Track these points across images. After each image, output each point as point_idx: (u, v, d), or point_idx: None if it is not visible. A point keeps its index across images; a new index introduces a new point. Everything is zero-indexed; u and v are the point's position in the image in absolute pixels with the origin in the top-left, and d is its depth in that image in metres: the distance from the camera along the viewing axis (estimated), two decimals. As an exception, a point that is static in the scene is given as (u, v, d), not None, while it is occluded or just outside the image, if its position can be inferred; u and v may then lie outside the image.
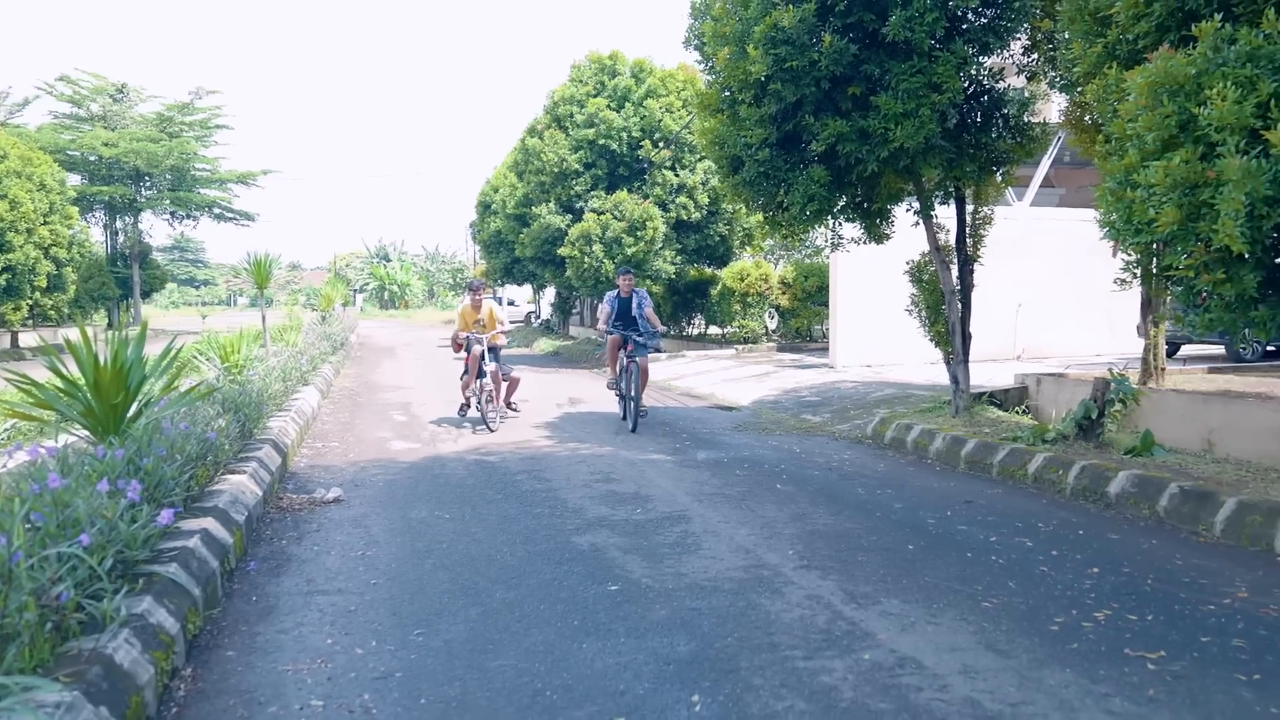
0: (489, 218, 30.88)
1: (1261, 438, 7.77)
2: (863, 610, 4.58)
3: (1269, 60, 4.90)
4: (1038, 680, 3.73)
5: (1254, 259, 5.06)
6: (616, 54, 23.00)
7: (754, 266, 23.19)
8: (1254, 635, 4.23)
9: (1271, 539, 5.62)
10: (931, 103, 8.24)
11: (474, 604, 4.80)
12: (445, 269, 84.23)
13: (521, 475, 8.26)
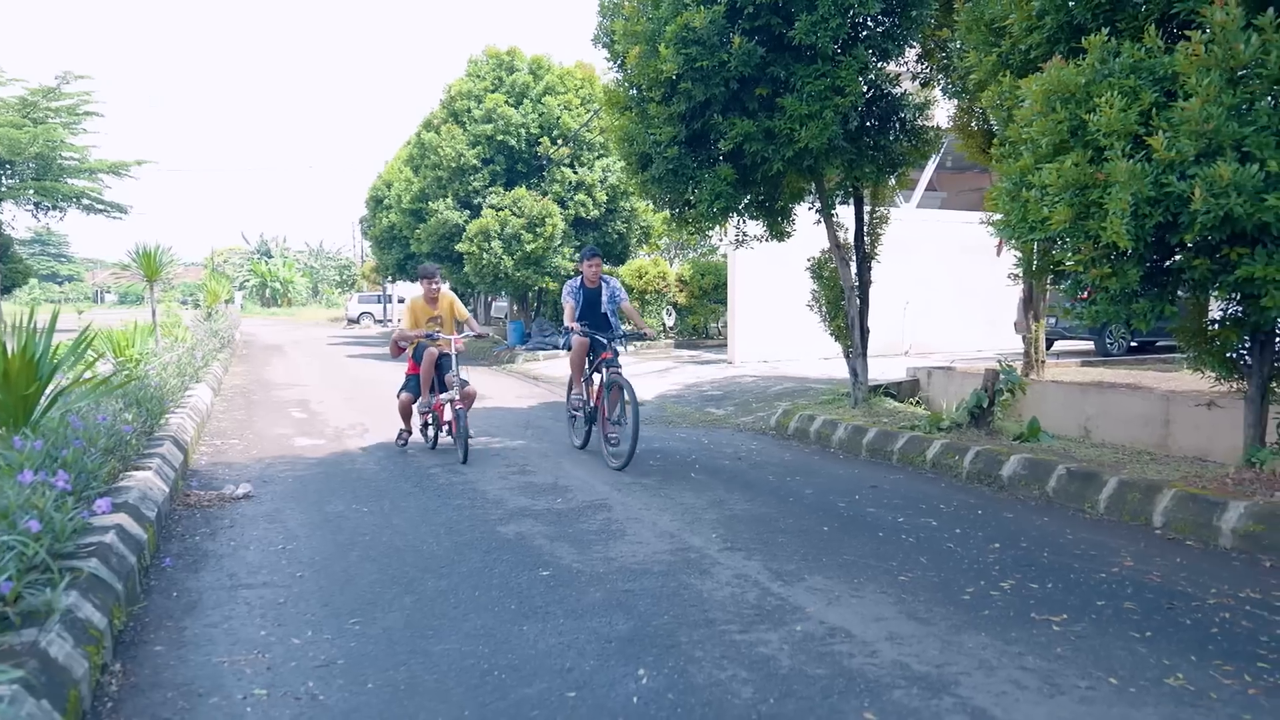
0: (381, 213, 30.34)
1: (1133, 424, 8.38)
2: (790, 587, 4.79)
3: (1150, 72, 5.33)
4: (958, 644, 4.00)
5: (1137, 255, 5.48)
6: (515, 50, 22.92)
7: (652, 264, 23.47)
8: (1142, 598, 4.61)
9: (1150, 514, 6.10)
10: (834, 105, 8.57)
11: (407, 593, 4.81)
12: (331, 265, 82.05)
13: (436, 469, 8.24)
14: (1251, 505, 5.60)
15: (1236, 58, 4.91)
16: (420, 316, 9.10)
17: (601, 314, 8.89)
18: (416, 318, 9.11)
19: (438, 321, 9.10)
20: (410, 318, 9.14)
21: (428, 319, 9.09)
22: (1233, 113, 4.91)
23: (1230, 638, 4.09)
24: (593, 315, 8.85)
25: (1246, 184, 4.77)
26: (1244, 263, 5.12)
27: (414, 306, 9.14)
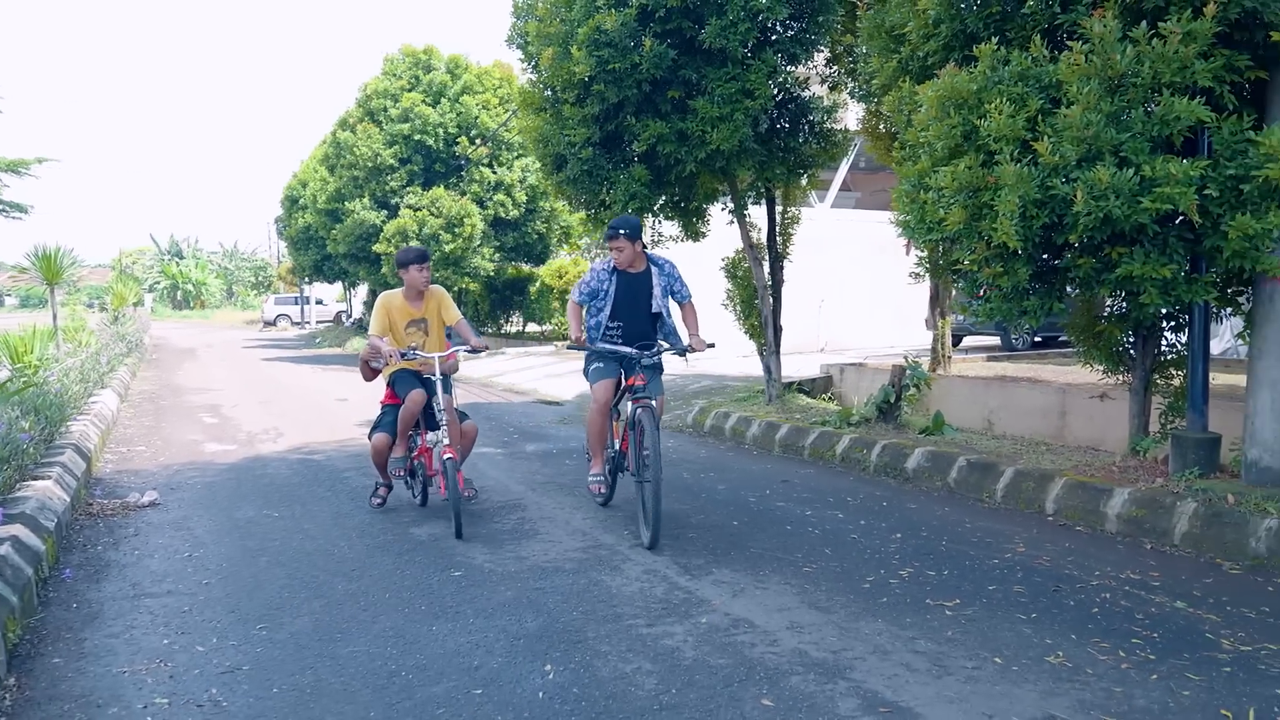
0: (297, 213, 29.78)
1: (1032, 416, 8.72)
2: (697, 580, 4.90)
3: (1036, 80, 5.58)
4: (855, 630, 4.15)
5: (1026, 255, 5.73)
6: (431, 49, 22.73)
7: (572, 264, 23.49)
8: (1031, 582, 4.84)
9: (1043, 501, 6.38)
10: (745, 108, 8.74)
11: (316, 597, 4.79)
12: (246, 266, 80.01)
13: (350, 472, 8.16)
14: (1134, 491, 5.91)
15: (1114, 68, 5.18)
16: (397, 320, 6.34)
17: (649, 315, 6.10)
18: (391, 322, 6.34)
19: (421, 328, 6.38)
20: (381, 322, 6.32)
21: (407, 323, 6.34)
22: (1111, 120, 5.17)
23: (1109, 616, 4.32)
24: (632, 317, 6.05)
25: (1123, 187, 5.04)
26: (1124, 262, 5.40)
27: (388, 305, 6.37)
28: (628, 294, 6.11)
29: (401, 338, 6.38)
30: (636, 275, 6.14)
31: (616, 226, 6.04)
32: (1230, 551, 5.22)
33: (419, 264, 6.38)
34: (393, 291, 6.52)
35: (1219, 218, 5.19)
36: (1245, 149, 5.12)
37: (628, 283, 6.12)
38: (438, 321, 6.46)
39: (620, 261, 6.07)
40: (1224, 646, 3.94)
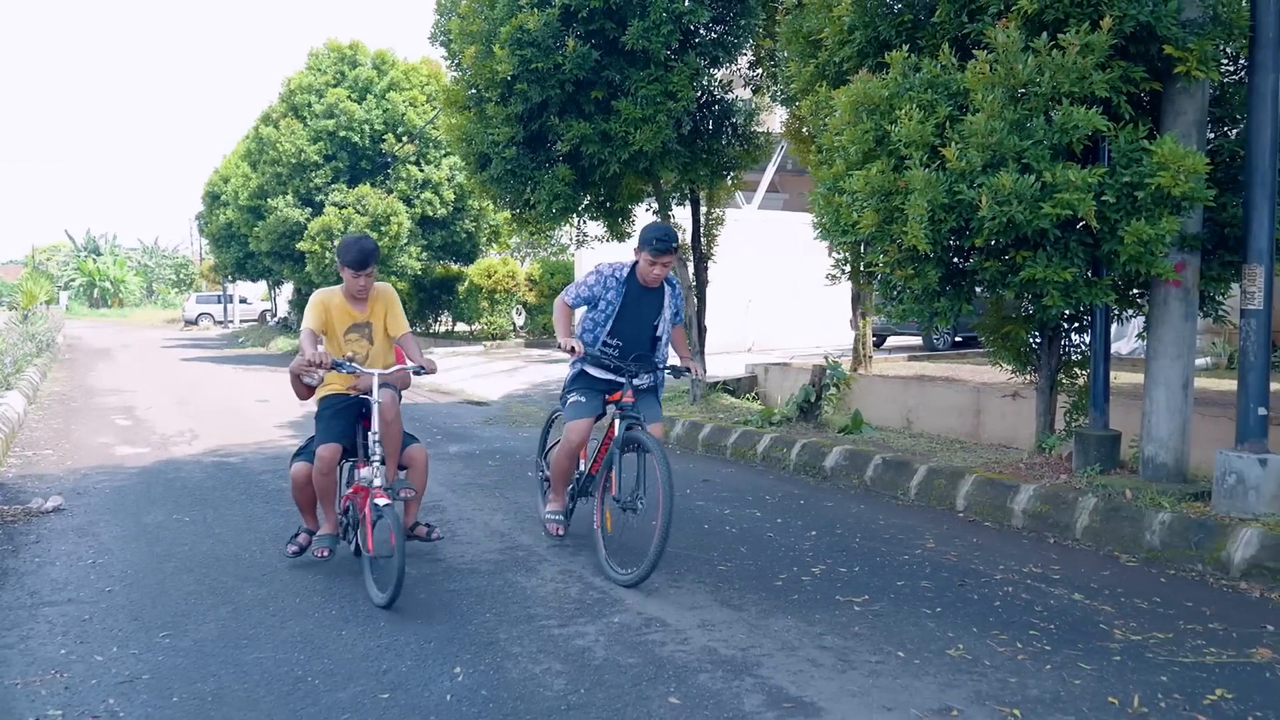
0: (218, 209, 29.07)
1: (948, 415, 8.94)
2: (611, 581, 4.92)
3: (945, 88, 5.72)
4: (765, 627, 4.21)
5: (936, 257, 5.88)
6: (357, 44, 22.40)
7: (501, 264, 23.37)
8: (938, 577, 4.96)
9: (954, 498, 6.54)
10: (668, 109, 8.80)
11: (224, 603, 4.69)
12: (167, 264, 77.80)
13: (266, 475, 8.00)
14: (1039, 488, 6.10)
15: (1016, 77, 5.34)
16: (335, 323, 5.10)
17: (651, 336, 5.35)
18: (327, 323, 5.09)
19: (364, 334, 5.15)
20: (316, 320, 5.05)
21: (348, 327, 5.13)
22: (1014, 127, 5.33)
23: (1010, 609, 4.45)
24: (634, 337, 5.28)
25: (1026, 193, 5.20)
26: (1027, 265, 5.57)
27: (325, 304, 5.10)
28: (636, 310, 5.25)
29: (340, 345, 5.11)
30: (650, 292, 5.27)
31: (668, 239, 5.09)
32: (1127, 544, 5.43)
33: (356, 269, 4.96)
34: (331, 288, 5.23)
35: (1116, 223, 5.39)
36: (1140, 157, 5.32)
37: (639, 298, 5.24)
38: (384, 329, 5.19)
39: (651, 277, 5.17)
40: (1115, 636, 4.09)
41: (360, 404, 5.09)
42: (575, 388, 5.35)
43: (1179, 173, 5.11)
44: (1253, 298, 5.37)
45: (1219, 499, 5.34)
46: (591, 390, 5.31)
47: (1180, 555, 5.17)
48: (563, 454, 5.32)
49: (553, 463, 5.48)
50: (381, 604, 4.45)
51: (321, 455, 5.02)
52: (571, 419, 5.27)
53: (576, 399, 5.30)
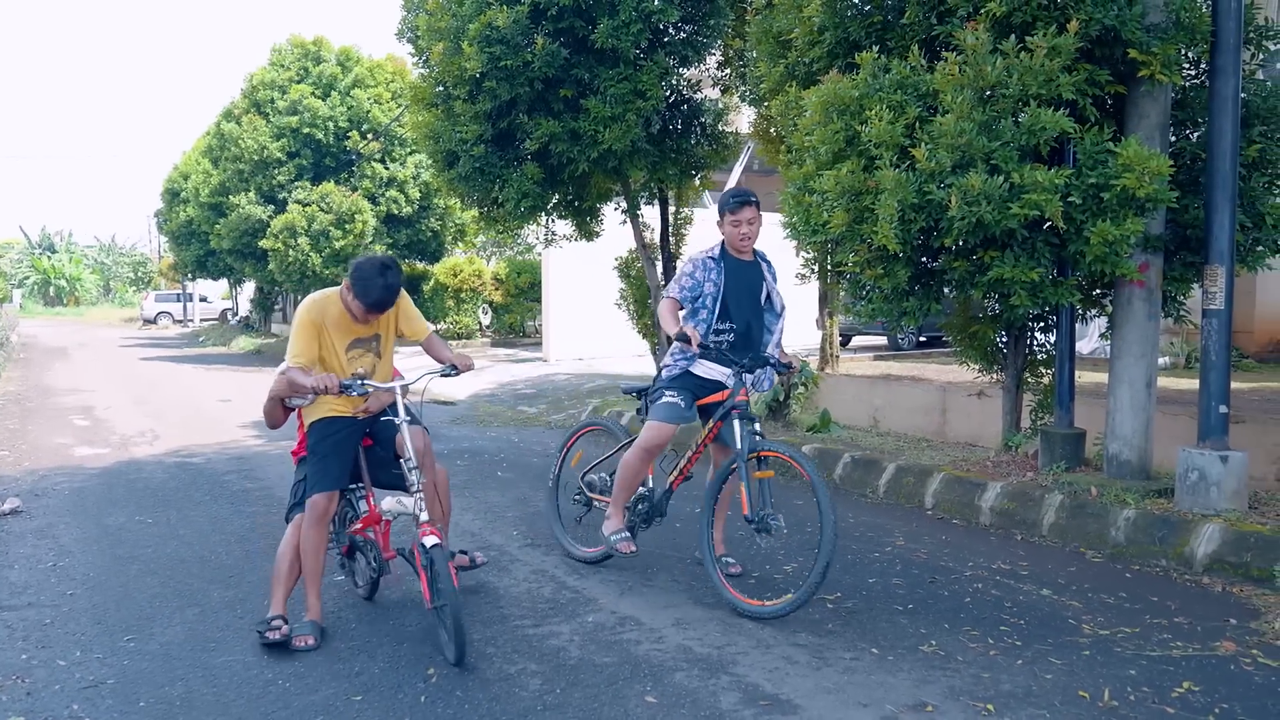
0: (178, 206, 28.61)
1: (915, 413, 9.02)
2: (584, 579, 4.91)
3: (914, 89, 5.76)
4: (739, 625, 4.22)
5: (905, 257, 5.92)
6: (321, 40, 22.16)
7: (467, 262, 23.24)
8: (909, 574, 5.00)
9: (923, 496, 6.60)
10: (637, 108, 8.78)
11: (190, 605, 4.62)
12: (125, 261, 76.46)
13: (231, 475, 7.89)
14: (1006, 485, 6.17)
15: (985, 78, 5.39)
16: (334, 340, 4.22)
17: (760, 315, 4.80)
18: (325, 345, 4.20)
19: (370, 349, 4.33)
20: (306, 344, 4.14)
21: (350, 343, 4.26)
22: (983, 128, 5.38)
23: (980, 605, 4.50)
24: (745, 314, 4.72)
25: (994, 193, 5.25)
26: (995, 265, 5.62)
27: (319, 318, 4.19)
28: (740, 287, 4.69)
29: (340, 367, 4.19)
30: (748, 266, 4.75)
31: (744, 193, 4.71)
32: (1093, 541, 5.50)
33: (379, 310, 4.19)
34: (326, 293, 4.29)
35: (1082, 224, 5.46)
36: (1105, 159, 5.39)
37: (739, 273, 4.70)
38: (391, 339, 4.41)
39: (738, 242, 4.65)
40: (1084, 631, 4.15)
41: (362, 428, 4.35)
42: (672, 385, 4.67)
43: (1144, 174, 5.19)
44: (1214, 298, 5.47)
45: (1182, 495, 5.43)
46: (689, 392, 4.68)
47: (1145, 551, 5.25)
48: (637, 457, 4.69)
49: (621, 469, 4.75)
50: (453, 659, 3.74)
51: (315, 503, 4.11)
52: (660, 420, 4.61)
53: (672, 399, 4.63)
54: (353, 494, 4.46)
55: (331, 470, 4.19)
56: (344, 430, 4.25)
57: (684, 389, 4.69)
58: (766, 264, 4.84)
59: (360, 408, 4.29)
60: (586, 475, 5.25)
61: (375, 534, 4.35)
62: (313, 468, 4.22)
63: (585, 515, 5.26)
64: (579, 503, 5.28)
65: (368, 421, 4.35)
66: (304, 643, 4.00)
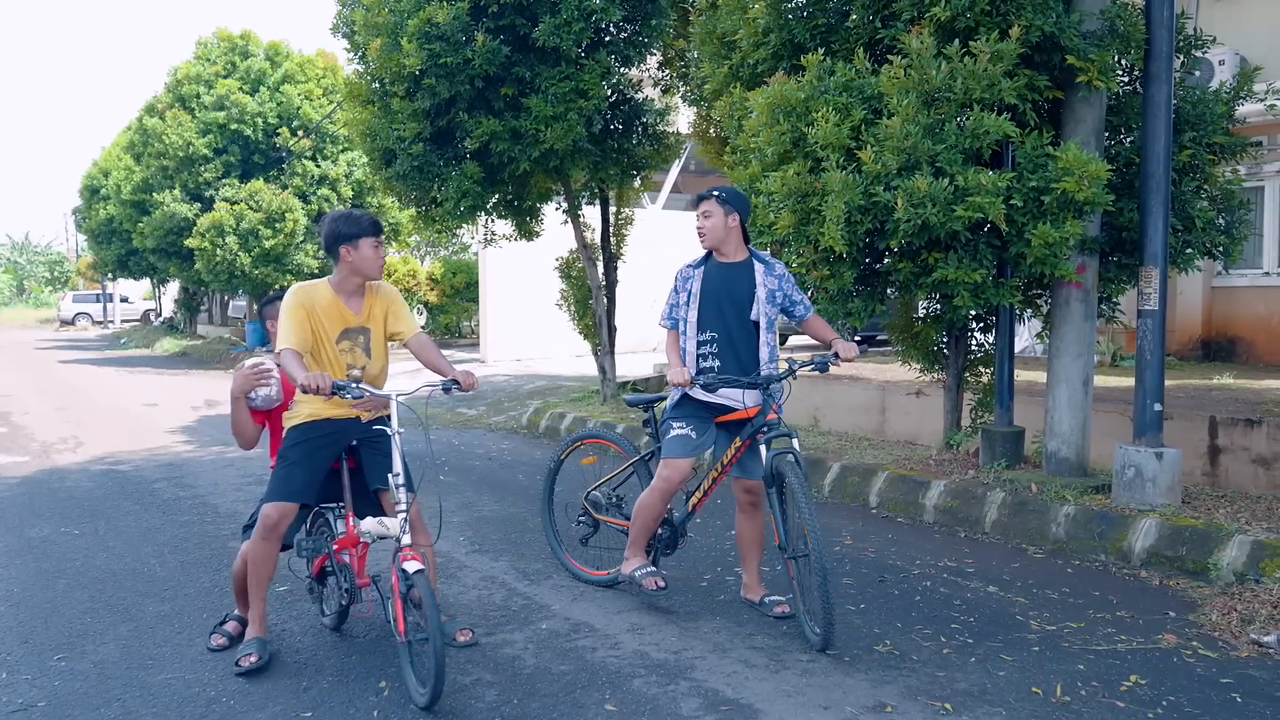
0: (98, 204, 27.65)
1: (855, 413, 9.11)
2: (535, 585, 4.84)
3: (860, 91, 5.81)
4: (695, 629, 4.19)
5: (851, 259, 5.96)
6: (249, 33, 21.61)
7: (401, 262, 22.89)
8: (858, 574, 5.03)
9: (867, 495, 6.66)
10: (579, 108, 8.72)
11: (124, 621, 4.43)
12: (40, 261, 73.69)
13: (161, 483, 7.63)
14: (949, 483, 6.26)
15: (930, 82, 5.45)
16: (326, 328, 3.87)
17: (746, 324, 4.29)
18: (316, 332, 3.85)
19: (360, 344, 3.95)
20: (299, 330, 3.78)
21: (341, 332, 3.90)
22: (928, 131, 5.45)
23: (931, 604, 4.54)
24: (730, 325, 4.29)
25: (939, 196, 5.31)
26: (939, 266, 5.69)
27: (309, 306, 3.83)
28: (721, 290, 4.27)
29: (332, 359, 3.86)
30: (733, 268, 4.30)
31: (709, 188, 4.36)
32: (1034, 537, 5.61)
33: (378, 235, 3.88)
34: (316, 282, 3.95)
35: (1023, 226, 5.56)
36: (1046, 163, 5.50)
37: (721, 275, 4.29)
38: (382, 337, 4.01)
39: (708, 237, 4.28)
40: (1032, 627, 4.21)
41: (343, 440, 3.94)
42: (679, 415, 4.31)
43: (1083, 178, 5.30)
44: (1149, 299, 5.62)
45: (1119, 491, 5.57)
46: (699, 418, 4.29)
47: (1085, 546, 5.37)
48: (656, 498, 4.33)
49: (639, 512, 4.41)
50: (424, 704, 3.36)
51: (267, 514, 3.76)
52: (672, 455, 4.25)
53: (681, 431, 4.27)
54: (331, 512, 4.09)
55: (294, 480, 3.82)
56: (322, 438, 3.88)
57: (693, 416, 4.30)
58: (765, 265, 4.33)
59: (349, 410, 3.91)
60: (590, 494, 4.91)
61: (350, 558, 3.92)
62: (276, 473, 3.87)
63: (591, 536, 4.93)
64: (584, 524, 4.94)
65: (352, 434, 3.95)
66: (249, 661, 3.80)
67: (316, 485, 3.93)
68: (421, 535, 3.93)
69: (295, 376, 3.57)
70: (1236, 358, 10.92)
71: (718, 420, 4.35)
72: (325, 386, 3.52)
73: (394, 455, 3.71)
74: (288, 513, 3.84)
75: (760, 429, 4.18)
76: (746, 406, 4.25)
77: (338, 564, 4.04)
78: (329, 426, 3.92)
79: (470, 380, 3.89)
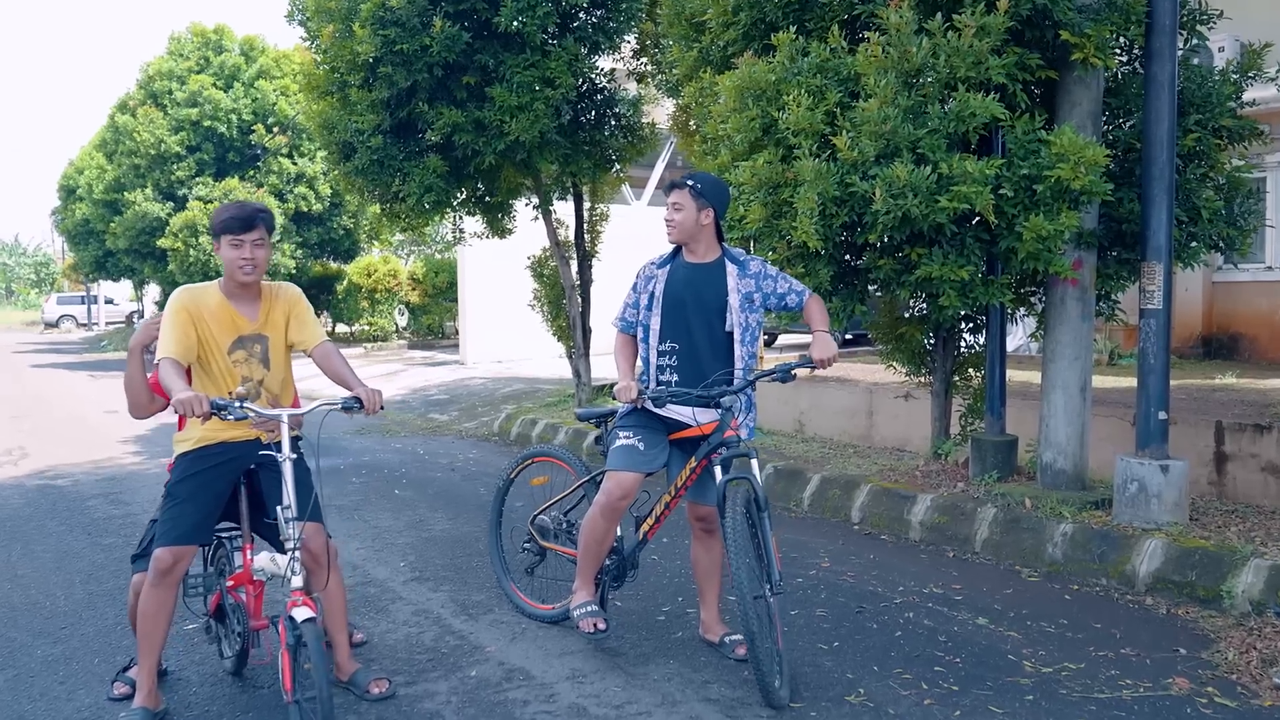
0: (74, 204, 27.07)
1: (840, 417, 8.63)
2: (473, 621, 4.35)
3: (835, 72, 5.32)
4: (644, 676, 3.70)
5: (827, 255, 5.48)
6: (223, 28, 21.09)
7: (382, 262, 22.39)
8: (834, 603, 4.55)
9: (849, 510, 6.18)
10: (545, 97, 8.23)
11: (5, 666, 3.94)
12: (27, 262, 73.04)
13: (96, 500, 7.12)
14: (937, 498, 5.78)
15: (910, 60, 4.97)
16: (214, 336, 3.44)
17: (723, 333, 3.81)
18: (203, 340, 3.42)
19: (256, 353, 3.53)
20: (180, 337, 3.35)
21: (233, 341, 3.48)
22: (908, 115, 4.96)
23: (912, 640, 4.06)
24: (695, 334, 3.80)
25: (921, 185, 4.83)
26: (923, 263, 5.21)
27: (193, 311, 3.41)
28: (687, 294, 3.78)
29: (223, 372, 3.45)
30: (704, 269, 3.81)
31: (685, 176, 3.84)
32: (1028, 558, 5.13)
33: (239, 233, 3.37)
34: (206, 285, 3.53)
35: (1014, 218, 5.08)
36: (1038, 149, 5.02)
37: (689, 278, 3.80)
38: (284, 344, 3.58)
39: (676, 231, 3.79)
40: (1025, 669, 3.74)
41: (239, 466, 3.50)
42: (627, 424, 3.82)
43: (1079, 165, 4.81)
44: (1152, 297, 5.14)
45: (1120, 508, 5.09)
46: (650, 429, 3.79)
47: (1083, 569, 4.89)
48: (598, 516, 3.78)
49: (584, 532, 3.88)
50: None
51: (159, 559, 3.30)
52: (617, 468, 3.73)
53: (628, 441, 3.76)
54: (230, 541, 3.62)
55: (185, 519, 3.35)
56: (213, 469, 3.43)
57: (643, 427, 3.78)
58: (738, 266, 3.80)
59: (239, 432, 3.43)
60: (537, 519, 4.40)
61: (248, 595, 3.49)
62: (165, 513, 3.41)
63: (538, 565, 4.43)
64: (529, 551, 4.43)
65: (250, 458, 3.47)
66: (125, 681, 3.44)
67: (213, 522, 3.53)
68: (323, 575, 3.41)
69: (171, 391, 3.11)
70: (1239, 355, 10.46)
71: (672, 437, 3.85)
72: (200, 407, 3.03)
73: (284, 484, 3.19)
74: (183, 556, 3.36)
75: (716, 448, 3.67)
76: (699, 423, 3.73)
77: (231, 602, 3.56)
78: (223, 453, 3.45)
79: (374, 401, 3.39)
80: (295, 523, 3.15)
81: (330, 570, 3.46)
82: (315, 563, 3.36)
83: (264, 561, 3.36)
